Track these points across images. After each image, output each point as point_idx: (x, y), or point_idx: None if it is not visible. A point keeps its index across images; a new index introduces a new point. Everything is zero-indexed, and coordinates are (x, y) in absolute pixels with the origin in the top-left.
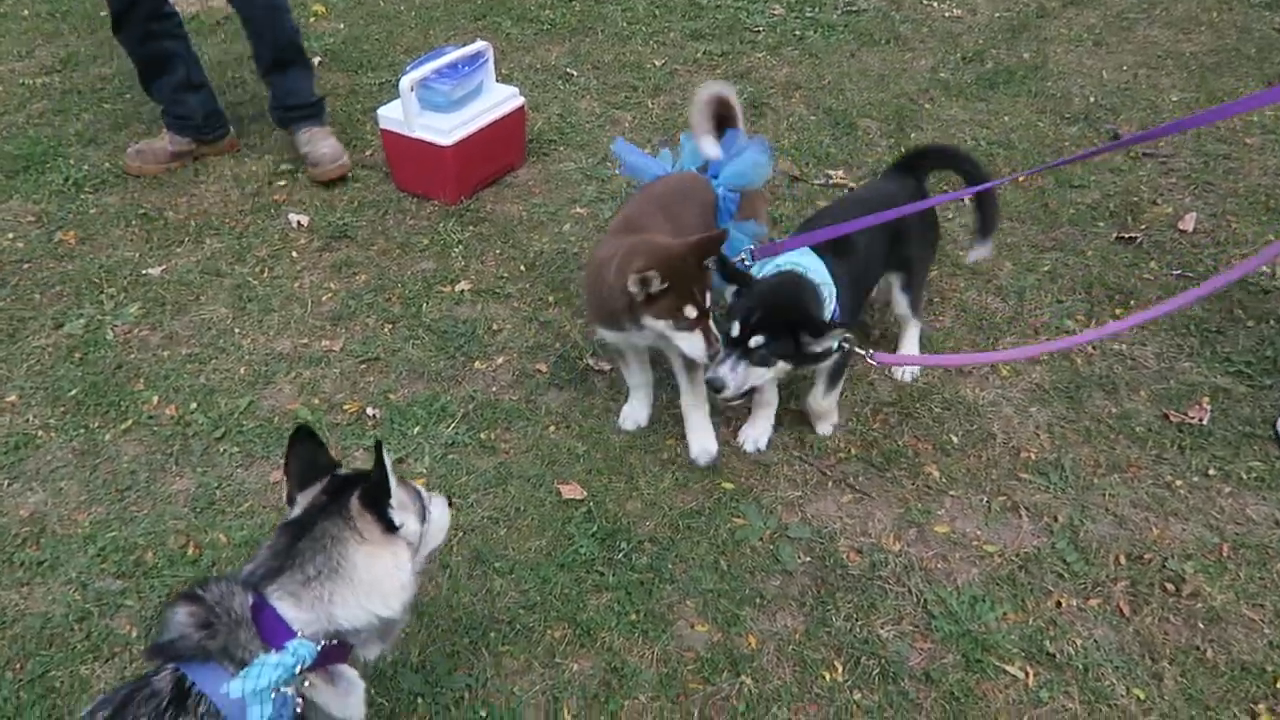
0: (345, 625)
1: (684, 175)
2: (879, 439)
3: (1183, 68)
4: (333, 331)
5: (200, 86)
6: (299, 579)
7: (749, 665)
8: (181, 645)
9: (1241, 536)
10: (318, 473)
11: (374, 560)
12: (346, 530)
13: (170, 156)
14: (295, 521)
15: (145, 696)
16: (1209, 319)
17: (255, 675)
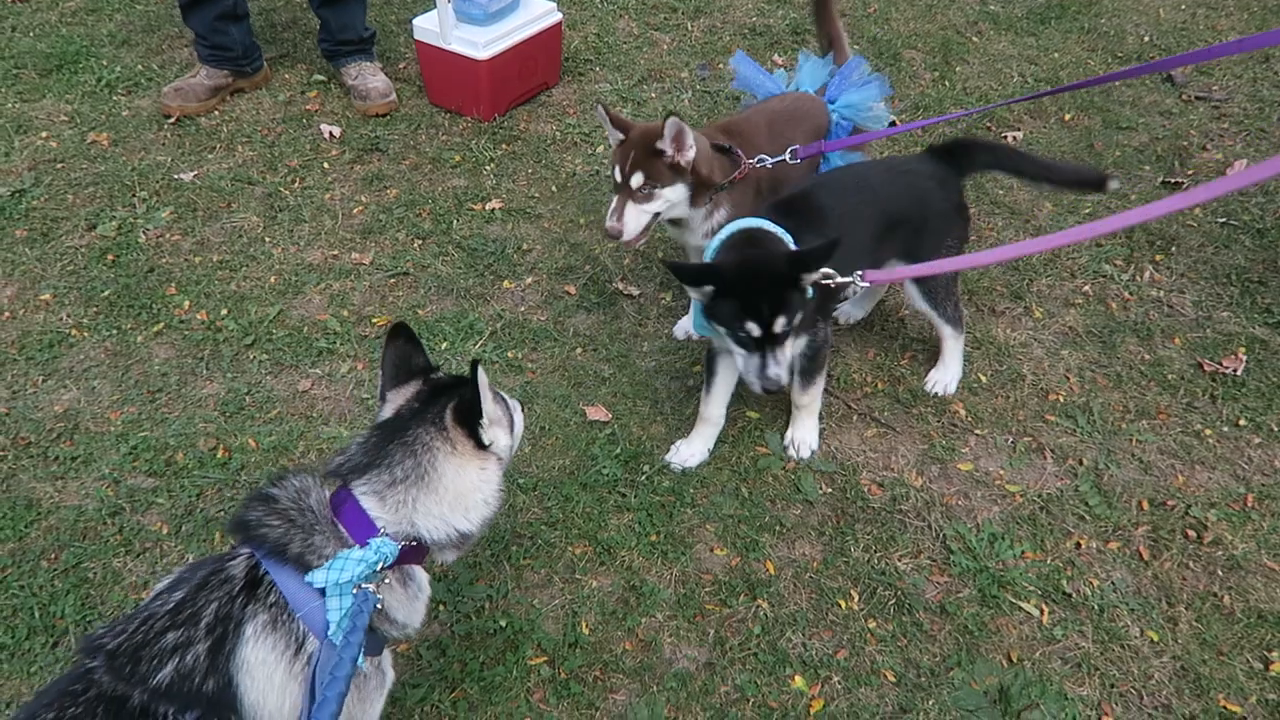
0: (424, 534)
1: (801, 96)
2: (906, 375)
3: (1244, 9)
4: (363, 245)
5: (243, 17)
6: (386, 479)
7: (766, 590)
8: (263, 532)
9: (1268, 488)
10: (412, 373)
11: (462, 472)
12: (439, 439)
13: (209, 92)
14: (388, 423)
15: (220, 580)
16: (1251, 269)
17: (339, 568)
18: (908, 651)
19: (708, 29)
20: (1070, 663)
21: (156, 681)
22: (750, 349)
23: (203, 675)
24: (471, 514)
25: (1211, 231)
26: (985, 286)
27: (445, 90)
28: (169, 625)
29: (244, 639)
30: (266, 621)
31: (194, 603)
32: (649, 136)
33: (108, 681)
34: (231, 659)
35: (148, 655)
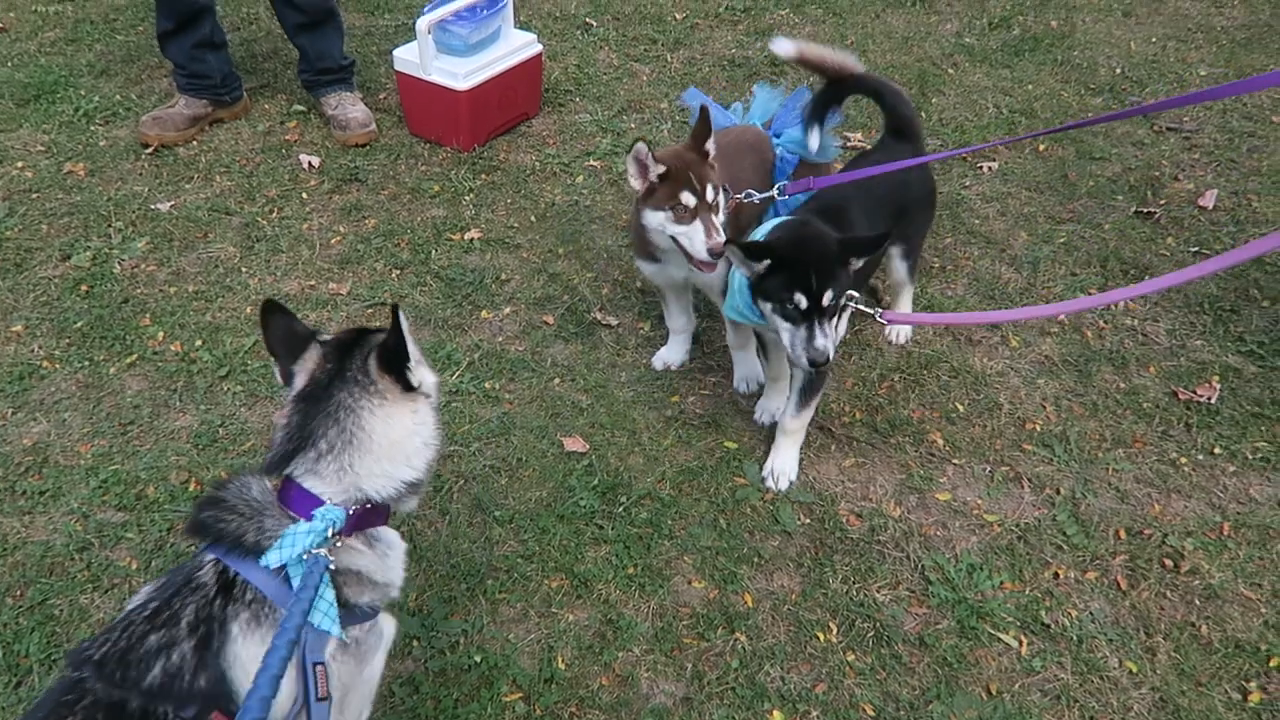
0: (372, 493)
1: (746, 129)
2: (884, 405)
3: (1213, 42)
4: (340, 275)
5: (221, 45)
6: (314, 454)
7: (744, 623)
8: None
9: (1243, 516)
10: (300, 342)
11: (393, 421)
12: (361, 396)
13: (188, 121)
14: (304, 394)
15: (192, 588)
16: (1223, 297)
17: (290, 545)
18: (887, 685)
19: (687, 60)
20: (1049, 695)
21: (148, 683)
22: (797, 322)
23: (192, 672)
24: (414, 460)
25: (1184, 261)
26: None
27: (425, 121)
28: (149, 629)
29: (231, 637)
30: (249, 618)
31: (170, 606)
32: (689, 151)
33: (101, 689)
34: (221, 655)
35: (134, 659)
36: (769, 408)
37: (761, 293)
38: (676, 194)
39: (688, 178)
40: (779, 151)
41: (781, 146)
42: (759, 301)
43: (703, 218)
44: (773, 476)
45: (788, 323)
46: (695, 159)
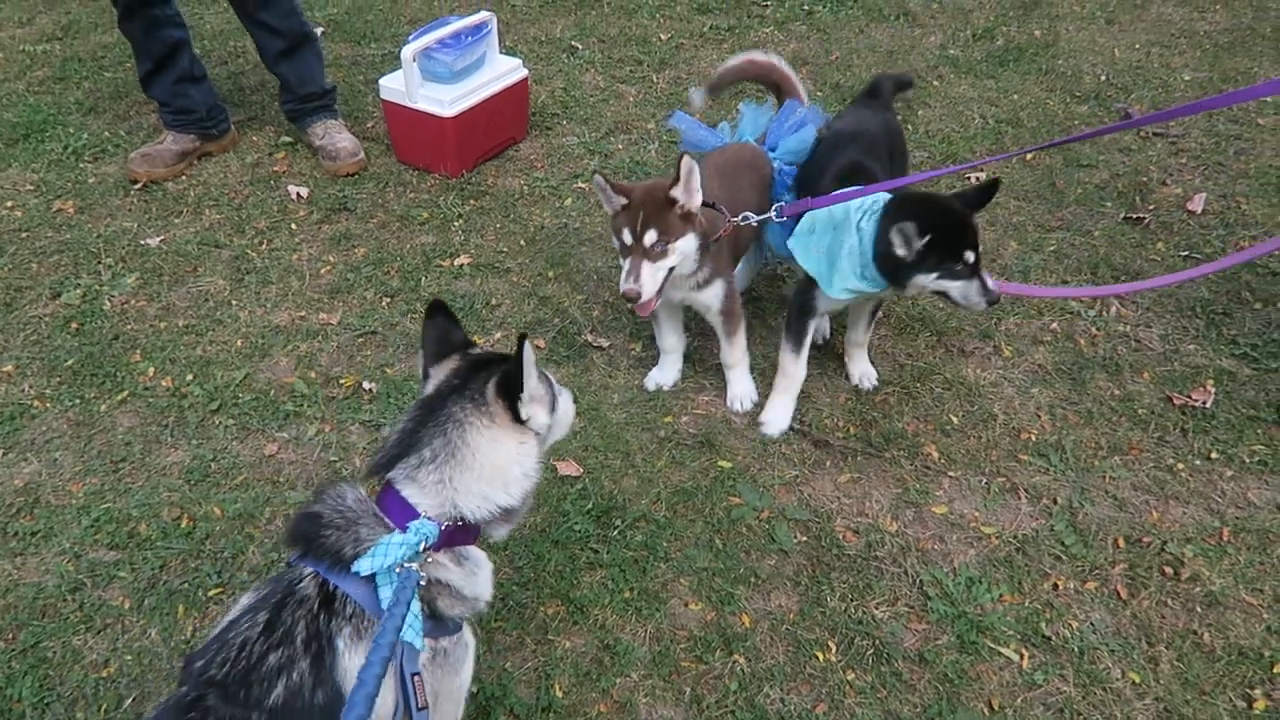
0: (466, 512)
1: (743, 146)
2: (878, 419)
3: (1196, 46)
4: (330, 305)
5: (201, 79)
6: (416, 461)
7: (742, 644)
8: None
9: (1242, 521)
10: (451, 348)
11: (498, 446)
12: (474, 415)
13: (176, 157)
14: (426, 401)
15: (297, 601)
16: (1215, 301)
17: (382, 554)
18: (888, 703)
19: (673, 80)
20: (1052, 709)
21: (271, 702)
22: (968, 277)
23: (311, 690)
24: (511, 488)
25: (1175, 265)
26: (954, 327)
27: (413, 148)
28: (268, 648)
29: (339, 653)
30: (352, 632)
31: (282, 622)
32: (656, 191)
33: (224, 709)
34: (334, 670)
35: (256, 679)
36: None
37: (923, 268)
38: (621, 228)
39: (632, 218)
40: (776, 165)
41: (779, 160)
42: (917, 276)
43: (632, 259)
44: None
45: (958, 280)
46: (653, 202)
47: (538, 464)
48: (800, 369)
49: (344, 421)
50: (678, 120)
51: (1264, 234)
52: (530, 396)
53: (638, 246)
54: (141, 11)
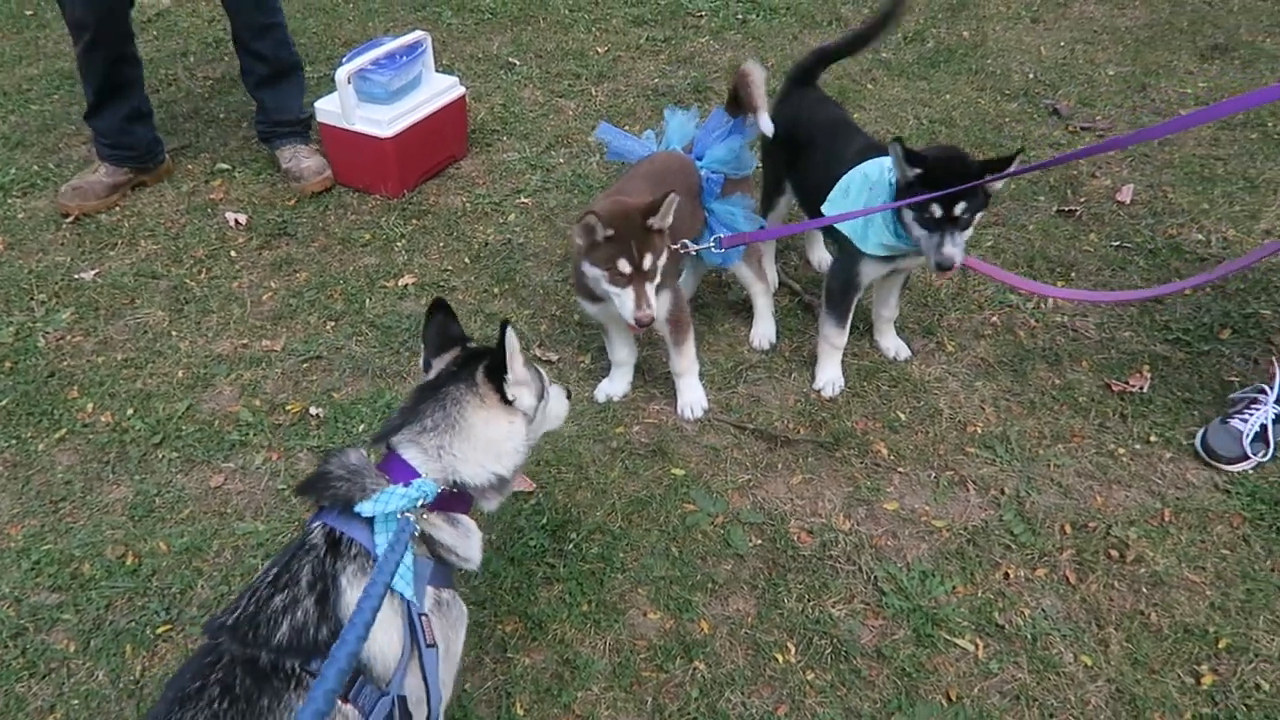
0: (464, 477)
1: (671, 155)
2: (827, 419)
3: (1118, 42)
4: (273, 331)
5: (148, 116)
6: (418, 428)
7: (702, 651)
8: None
9: (1182, 501)
10: (450, 342)
11: (490, 422)
12: (469, 394)
13: (109, 189)
14: (426, 384)
15: (307, 549)
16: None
17: (385, 501)
18: (848, 700)
19: (611, 93)
20: (1008, 696)
21: (277, 640)
22: (932, 229)
23: (315, 626)
24: (504, 460)
25: (1108, 255)
26: (898, 325)
27: (352, 170)
28: (273, 591)
29: (342, 589)
30: (356, 570)
31: (289, 569)
32: (634, 216)
33: (236, 649)
34: (338, 607)
35: (263, 620)
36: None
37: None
38: (615, 259)
39: (625, 247)
40: (704, 173)
41: (706, 168)
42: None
43: (635, 286)
44: (901, 351)
45: (924, 229)
46: (639, 227)
47: (526, 442)
48: (843, 337)
49: (292, 449)
50: (602, 132)
51: (1190, 221)
52: (515, 380)
53: (638, 274)
54: (108, 48)
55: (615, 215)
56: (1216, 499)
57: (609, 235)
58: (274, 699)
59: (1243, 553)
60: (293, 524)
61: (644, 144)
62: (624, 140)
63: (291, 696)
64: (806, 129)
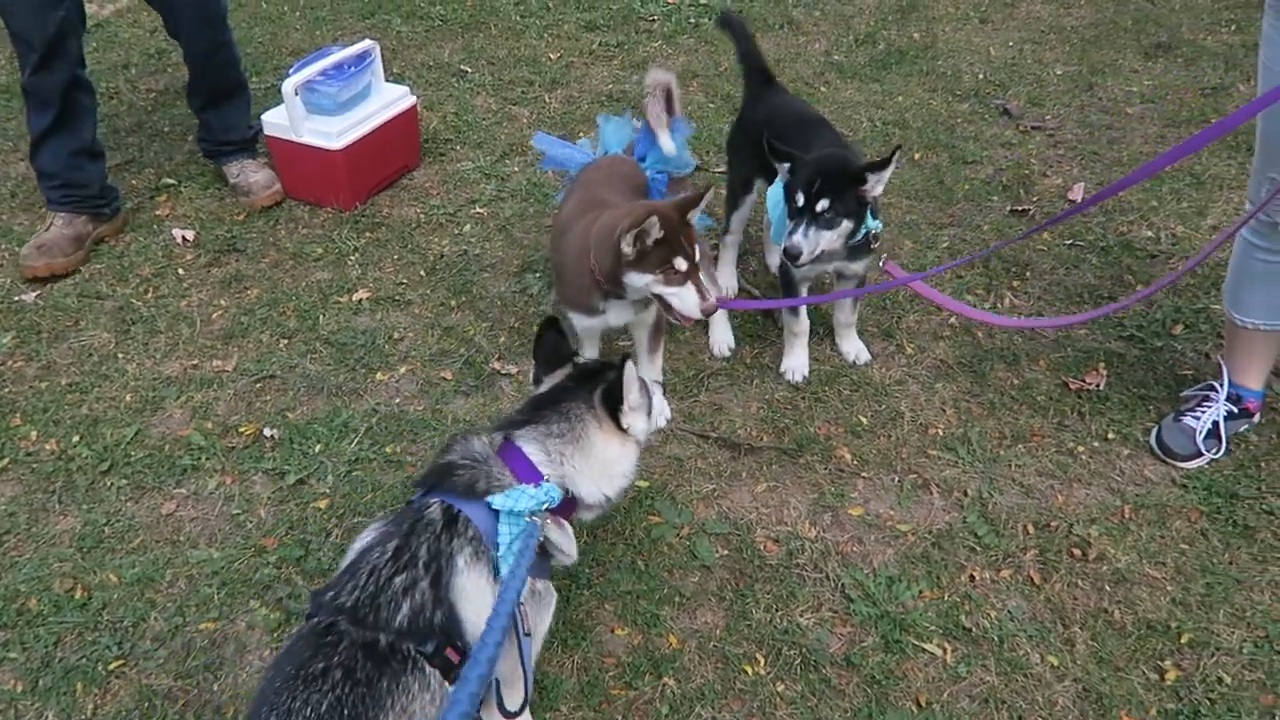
0: (578, 490)
1: (615, 160)
2: (790, 425)
3: (1065, 41)
4: (224, 350)
5: (99, 156)
6: (544, 431)
7: (671, 666)
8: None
9: (1141, 497)
10: (561, 359)
11: (608, 443)
12: (588, 412)
13: (73, 243)
14: (543, 395)
15: (424, 524)
16: (1100, 287)
17: (515, 498)
18: (819, 711)
19: (565, 100)
20: (977, 699)
21: (398, 623)
22: (793, 217)
23: (431, 609)
24: (614, 482)
25: (1061, 254)
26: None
27: (302, 183)
28: (395, 571)
29: (457, 570)
30: (471, 553)
31: (409, 547)
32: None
33: (355, 631)
34: (450, 589)
35: (385, 601)
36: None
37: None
38: (669, 259)
39: (679, 244)
40: (649, 175)
41: (650, 169)
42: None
43: (694, 280)
44: (860, 355)
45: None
46: (683, 221)
47: (635, 466)
48: (801, 323)
49: (246, 472)
50: (539, 141)
51: (1140, 218)
52: (630, 408)
53: (693, 267)
54: (61, 65)
55: (664, 217)
56: (1174, 494)
57: (660, 236)
58: (393, 681)
59: (1201, 547)
60: (249, 550)
61: (581, 151)
62: (561, 149)
63: (409, 679)
64: (780, 129)
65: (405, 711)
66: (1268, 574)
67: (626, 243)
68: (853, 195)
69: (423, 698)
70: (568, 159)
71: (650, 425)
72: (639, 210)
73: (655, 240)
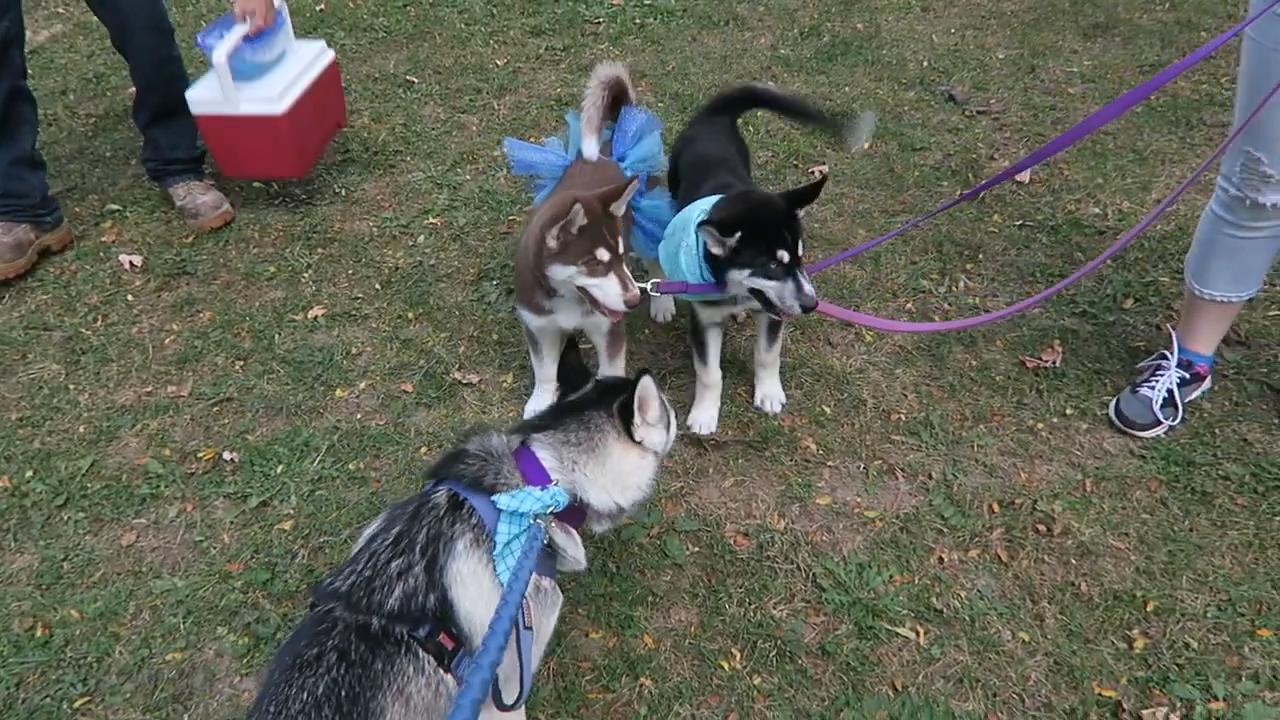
0: (589, 498)
1: (600, 163)
2: (754, 419)
3: (1005, 26)
4: (179, 376)
5: (40, 167)
6: (560, 438)
7: (647, 666)
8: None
9: (1102, 470)
10: (581, 378)
11: (625, 454)
12: (607, 423)
13: (13, 250)
14: (567, 404)
15: (429, 508)
16: (1052, 265)
17: (520, 499)
18: (796, 701)
19: (514, 105)
20: (952, 680)
21: (389, 607)
22: (782, 278)
23: (424, 593)
24: (628, 493)
25: (1012, 235)
26: (815, 319)
27: (243, 159)
28: (392, 555)
29: (455, 554)
30: (471, 540)
31: (409, 532)
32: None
33: (349, 616)
34: (445, 573)
35: (379, 585)
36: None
37: (736, 264)
38: (592, 250)
39: (601, 234)
40: (628, 173)
41: (630, 168)
42: (731, 272)
43: (616, 271)
44: (767, 402)
45: (773, 280)
46: (606, 212)
47: (651, 480)
48: (712, 374)
49: (207, 497)
50: (508, 146)
51: (1086, 196)
52: (647, 422)
53: (616, 258)
54: (4, 75)
55: (586, 208)
56: (1133, 465)
57: (582, 226)
58: (387, 664)
59: (1162, 515)
60: (213, 576)
61: (553, 153)
62: (528, 152)
63: (403, 662)
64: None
65: (402, 693)
66: (1227, 538)
67: (550, 234)
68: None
69: (418, 680)
70: (536, 163)
71: (669, 439)
72: (561, 201)
73: (578, 231)
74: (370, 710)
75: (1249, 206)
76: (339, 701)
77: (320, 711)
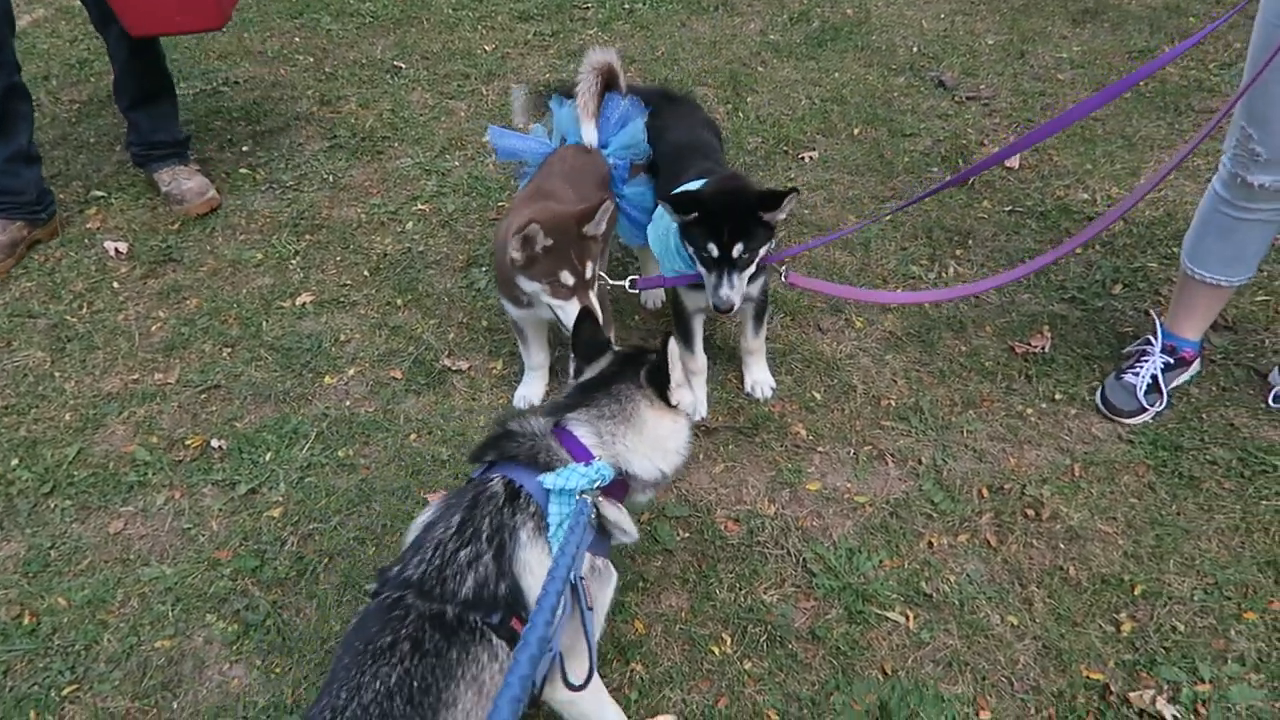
0: (633, 468)
1: (579, 150)
2: (744, 405)
3: (995, 11)
4: (165, 363)
5: (36, 161)
6: (594, 414)
7: (638, 651)
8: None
9: (1090, 455)
10: (599, 349)
11: (660, 420)
12: (638, 392)
13: (6, 249)
14: (590, 381)
15: (486, 498)
16: (1041, 250)
17: (566, 476)
18: (786, 685)
19: (502, 91)
20: (941, 664)
21: (463, 595)
22: (710, 269)
23: (495, 581)
24: (669, 458)
25: (1001, 221)
26: (806, 305)
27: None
28: (460, 545)
29: (521, 544)
30: (534, 528)
31: (473, 521)
32: (577, 225)
33: (421, 604)
34: (514, 562)
35: (450, 574)
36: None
37: (687, 238)
38: (556, 271)
39: (568, 257)
40: (611, 161)
41: (612, 155)
42: (684, 246)
43: (581, 295)
44: (757, 388)
45: (707, 270)
46: (578, 234)
47: (688, 442)
48: (698, 361)
49: (195, 485)
50: (492, 134)
51: (1075, 182)
52: (676, 384)
53: (582, 283)
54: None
55: (553, 225)
56: (1121, 450)
57: (548, 246)
58: (462, 652)
59: (1150, 500)
60: (202, 564)
61: (537, 141)
62: (515, 140)
63: (478, 649)
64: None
65: (475, 680)
66: (1214, 522)
67: (514, 246)
68: (762, 228)
69: (491, 668)
70: (525, 150)
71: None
72: (530, 215)
73: (543, 249)
74: (443, 700)
75: (1240, 185)
76: (410, 693)
77: (392, 701)
